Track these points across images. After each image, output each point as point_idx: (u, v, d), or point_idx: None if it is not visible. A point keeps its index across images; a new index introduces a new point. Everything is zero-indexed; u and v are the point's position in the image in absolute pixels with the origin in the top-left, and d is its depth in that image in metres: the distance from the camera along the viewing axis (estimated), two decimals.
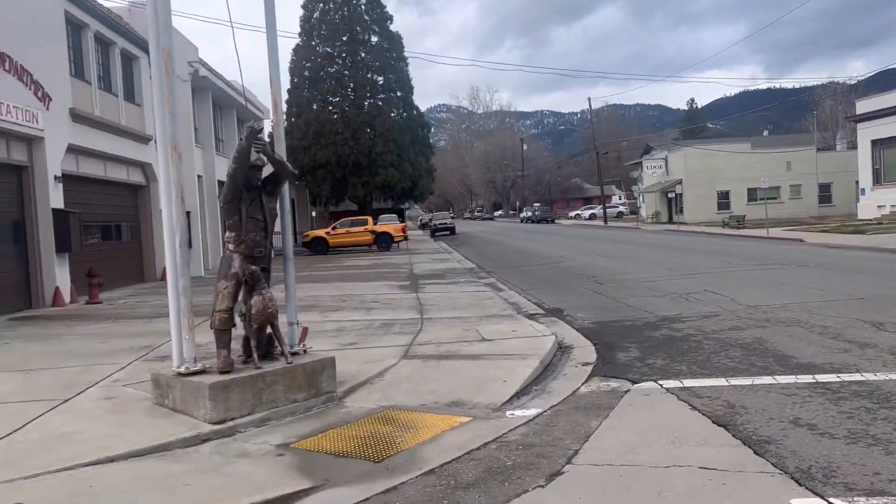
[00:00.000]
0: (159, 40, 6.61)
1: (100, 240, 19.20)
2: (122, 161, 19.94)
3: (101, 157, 18.72)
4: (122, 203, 20.57)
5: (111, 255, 19.53)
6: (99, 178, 18.77)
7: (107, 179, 19.28)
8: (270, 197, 7.01)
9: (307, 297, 15.18)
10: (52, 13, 16.16)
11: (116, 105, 19.74)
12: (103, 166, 19.01)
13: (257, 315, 6.65)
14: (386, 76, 44.21)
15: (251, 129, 6.61)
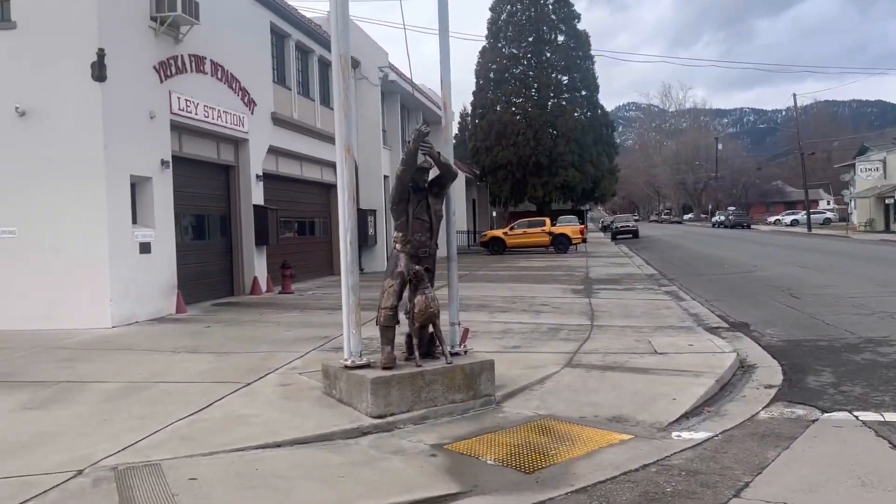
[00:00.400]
0: (338, 47, 6.87)
1: (294, 234, 20.69)
2: (316, 161, 21.33)
3: (298, 158, 20.14)
4: (315, 200, 22.01)
5: (304, 248, 20.98)
6: (295, 177, 20.21)
7: (302, 178, 20.72)
8: (436, 199, 7.09)
9: (478, 297, 15.31)
10: (260, 25, 17.62)
11: (313, 109, 21.14)
12: (299, 166, 20.45)
13: (419, 314, 6.75)
14: (571, 75, 43.67)
15: (418, 132, 6.72)
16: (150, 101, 12.78)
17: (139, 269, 12.34)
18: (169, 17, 12.90)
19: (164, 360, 8.86)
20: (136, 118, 12.40)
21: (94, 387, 7.48)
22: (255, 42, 17.26)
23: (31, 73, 11.61)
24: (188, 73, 14.04)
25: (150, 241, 12.68)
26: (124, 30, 12.17)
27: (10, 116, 11.61)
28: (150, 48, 12.92)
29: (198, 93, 14.35)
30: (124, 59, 12.08)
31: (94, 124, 11.49)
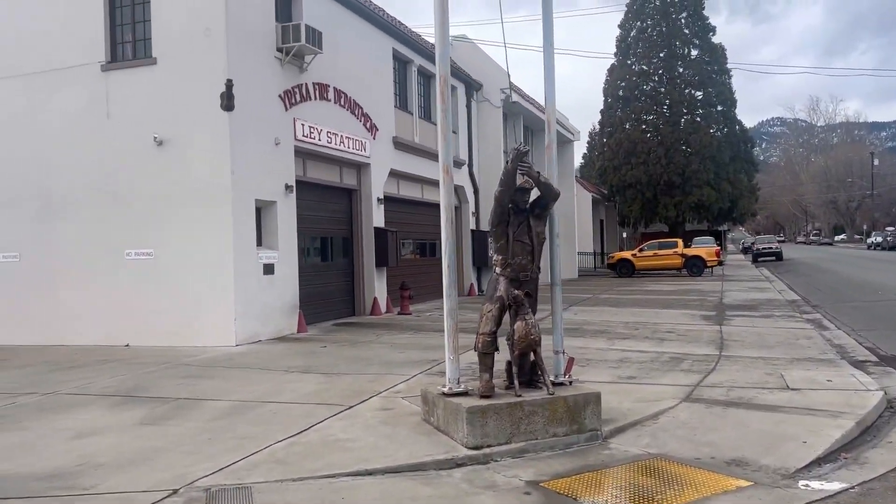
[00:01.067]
0: (440, 69, 6.78)
1: (415, 255, 20.90)
2: (436, 183, 21.45)
3: (419, 181, 20.37)
4: (436, 222, 21.78)
5: (424, 269, 21.13)
6: (416, 199, 20.45)
7: (422, 201, 20.93)
8: (538, 220, 6.79)
9: (598, 322, 14.72)
10: (383, 52, 18.05)
11: (434, 132, 21.36)
12: (420, 188, 20.68)
13: (519, 341, 6.47)
14: (705, 90, 41.81)
15: (517, 152, 6.48)
16: (275, 129, 13.33)
17: (263, 289, 12.81)
18: (293, 48, 13.43)
19: (277, 380, 9.05)
20: (261, 145, 12.95)
21: (208, 404, 7.72)
22: (378, 69, 17.68)
23: (169, 104, 12.42)
24: (312, 101, 14.55)
25: (273, 262, 13.15)
26: (252, 62, 12.78)
27: (149, 146, 12.46)
28: (276, 78, 13.49)
29: (321, 119, 14.84)
30: (251, 90, 12.67)
31: (222, 151, 12.09)
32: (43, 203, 13.29)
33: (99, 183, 12.88)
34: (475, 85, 24.20)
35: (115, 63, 12.88)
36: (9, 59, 13.45)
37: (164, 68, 12.49)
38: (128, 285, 12.70)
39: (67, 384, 9.14)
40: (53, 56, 13.14)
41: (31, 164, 13.35)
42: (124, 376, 9.59)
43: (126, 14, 12.98)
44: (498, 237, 6.78)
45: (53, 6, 13.15)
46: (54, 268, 13.19)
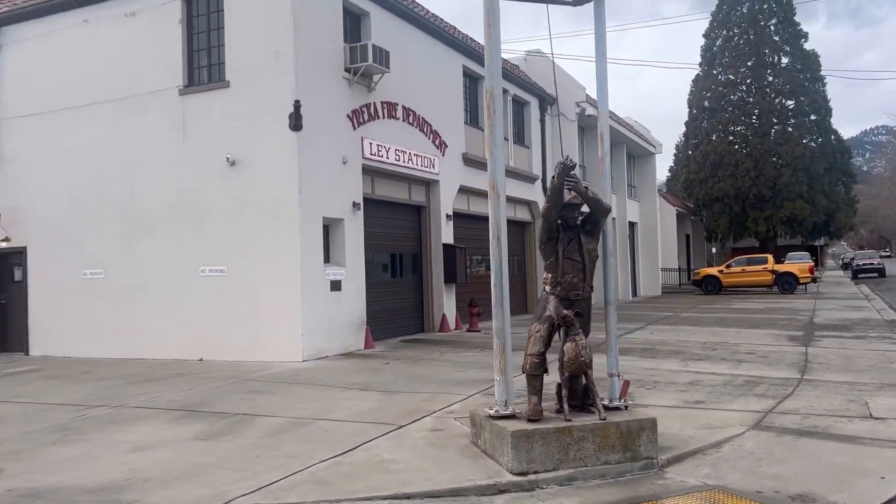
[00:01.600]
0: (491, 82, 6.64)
1: (486, 272, 20.73)
2: (509, 199, 21.30)
3: None
4: (511, 239, 21.95)
5: None
6: (487, 215, 20.25)
7: None
8: (590, 237, 6.54)
9: (674, 342, 14.14)
10: (452, 69, 18.09)
11: (506, 148, 21.23)
12: None
13: (569, 362, 6.22)
14: (797, 99, 39.95)
15: (563, 166, 6.26)
16: (343, 148, 13.51)
17: (330, 305, 12.95)
18: (361, 68, 13.61)
19: (335, 397, 9.07)
20: (329, 164, 13.15)
21: (263, 421, 7.80)
22: (447, 86, 17.72)
23: (241, 125, 12.80)
24: (380, 120, 14.70)
25: (340, 278, 13.29)
26: (320, 82, 13.02)
27: (223, 166, 12.86)
28: (344, 98, 13.70)
29: (389, 137, 14.96)
30: (319, 110, 12.90)
31: (290, 171, 12.34)
32: (127, 222, 13.91)
33: (177, 202, 13.38)
34: (549, 99, 23.93)
35: (192, 87, 13.39)
36: (99, 86, 14.20)
37: (236, 91, 12.90)
38: (202, 301, 13.10)
39: (137, 397, 9.46)
40: (138, 82, 13.79)
41: (117, 185, 14.01)
42: (192, 390, 9.85)
43: (202, 40, 13.50)
44: (547, 254, 6.58)
45: (139, 34, 13.81)
46: (136, 284, 13.77)
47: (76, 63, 14.46)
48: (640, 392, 8.92)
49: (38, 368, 12.87)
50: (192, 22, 13.55)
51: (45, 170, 14.78)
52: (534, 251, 23.19)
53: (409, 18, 15.90)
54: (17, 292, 15.23)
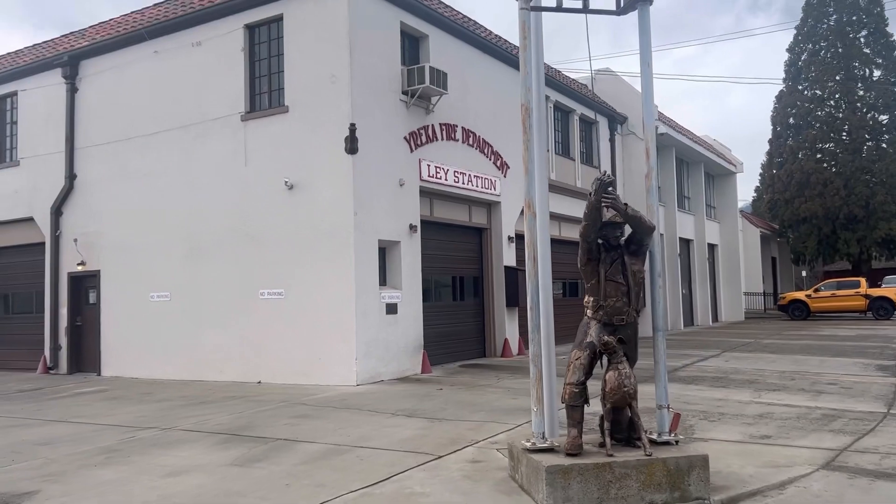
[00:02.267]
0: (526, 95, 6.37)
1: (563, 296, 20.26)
2: (576, 221, 20.76)
3: (556, 218, 19.77)
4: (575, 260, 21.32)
5: (563, 310, 20.37)
6: (552, 237, 19.79)
7: (560, 239, 20.26)
8: (635, 257, 6.11)
9: (749, 371, 13.28)
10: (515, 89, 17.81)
11: (573, 168, 20.76)
12: (557, 226, 20.06)
13: (611, 393, 5.79)
14: (891, 114, 37.68)
15: (600, 182, 5.88)
16: (400, 170, 13.44)
17: (385, 329, 12.80)
18: (418, 90, 13.55)
19: (378, 423, 8.84)
20: (385, 186, 13.08)
21: (302, 447, 7.64)
22: (510, 106, 17.44)
23: (299, 149, 12.91)
24: (438, 142, 14.57)
25: (396, 301, 13.13)
26: (376, 105, 13.01)
27: (281, 190, 12.99)
28: (402, 120, 13.65)
29: (448, 159, 14.81)
30: (376, 133, 12.88)
31: (346, 193, 12.33)
32: (192, 245, 14.22)
33: (238, 226, 13.58)
34: (619, 118, 23.34)
35: (253, 113, 13.63)
36: (167, 114, 14.66)
37: (294, 116, 13.04)
38: (261, 324, 13.19)
39: (187, 420, 9.49)
40: (203, 109, 14.15)
41: (183, 210, 14.37)
42: (241, 414, 9.82)
43: (263, 67, 13.75)
44: (588, 276, 6.18)
45: (204, 63, 14.20)
46: (199, 307, 14.01)
47: (147, 92, 14.99)
48: (702, 425, 8.32)
49: (104, 389, 13.22)
50: (254, 49, 13.83)
51: (117, 196, 15.33)
52: None
53: (470, 40, 15.79)
54: (91, 314, 15.78)
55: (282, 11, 13.27)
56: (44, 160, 16.52)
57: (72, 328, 16.00)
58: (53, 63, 16.29)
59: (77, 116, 16.05)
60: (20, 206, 16.91)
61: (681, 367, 14.22)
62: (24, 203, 16.83)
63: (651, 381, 6.54)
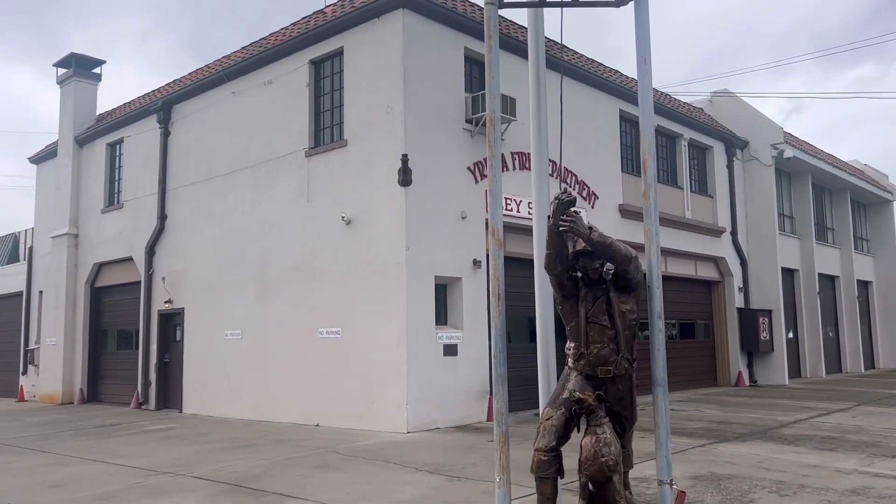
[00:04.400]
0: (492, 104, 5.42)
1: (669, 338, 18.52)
2: (687, 256, 18.99)
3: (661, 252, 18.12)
4: (687, 299, 19.46)
5: (672, 353, 18.56)
6: None
7: (667, 275, 18.56)
8: (623, 294, 4.95)
9: (874, 431, 11.13)
10: (606, 113, 16.62)
11: (681, 198, 19.02)
12: (664, 261, 18.37)
13: (585, 463, 4.65)
14: None
15: (557, 202, 4.81)
16: (462, 202, 12.67)
17: (442, 372, 11.93)
18: (483, 118, 12.78)
19: (392, 479, 7.98)
20: (444, 220, 12.35)
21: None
22: (599, 132, 16.27)
23: (356, 184, 12.51)
24: (509, 172, 13.67)
25: (456, 342, 12.25)
26: (435, 135, 12.37)
27: (339, 225, 12.60)
28: (465, 150, 12.92)
29: (521, 190, 13.84)
30: (434, 164, 12.22)
31: (398, 228, 11.72)
32: (261, 283, 14.15)
33: (300, 263, 13.34)
34: (738, 142, 21.26)
35: (316, 148, 13.43)
36: (242, 153, 14.84)
37: (352, 149, 12.68)
38: (320, 365, 12.76)
39: (210, 466, 9.08)
40: (273, 146, 14.17)
41: (253, 248, 14.38)
42: (265, 462, 9.30)
43: (326, 101, 13.56)
44: (567, 317, 5.09)
45: (274, 101, 14.26)
46: (265, 346, 13.85)
47: (226, 133, 15.29)
48: (766, 500, 6.75)
49: (172, 427, 13.25)
50: (319, 84, 13.70)
51: (199, 235, 15.66)
52: (725, 314, 20.40)
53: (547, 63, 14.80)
54: (177, 351, 16.12)
55: (342, 44, 13.06)
56: (141, 202, 17.30)
57: (160, 365, 16.43)
58: (150, 109, 17.12)
59: (169, 159, 16.69)
60: (122, 247, 17.76)
61: (790, 422, 12.23)
62: (126, 243, 17.67)
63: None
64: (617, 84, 16.89)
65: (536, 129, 6.33)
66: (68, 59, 19.91)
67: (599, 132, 16.28)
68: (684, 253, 18.83)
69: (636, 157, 17.83)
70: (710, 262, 20.19)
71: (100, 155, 19.08)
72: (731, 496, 6.89)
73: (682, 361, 18.86)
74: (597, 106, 16.29)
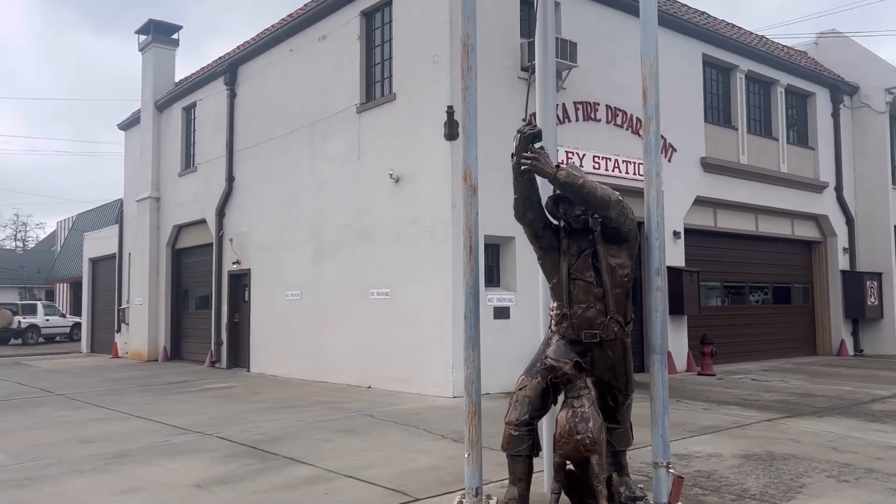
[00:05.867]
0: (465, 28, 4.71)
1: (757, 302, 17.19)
2: (780, 213, 17.37)
3: (749, 209, 16.65)
4: (780, 261, 17.85)
5: (764, 320, 17.14)
6: (745, 232, 16.72)
7: (757, 234, 17.05)
8: (614, 247, 4.21)
9: None
10: (687, 59, 15.22)
11: (775, 150, 17.32)
12: (753, 219, 16.87)
13: (559, 440, 4.02)
14: None
15: (520, 136, 4.10)
16: None
17: (492, 336, 11.29)
18: None
19: (411, 447, 7.54)
20: (495, 176, 11.56)
21: (292, 471, 6.64)
22: (678, 78, 14.91)
23: (403, 140, 11.98)
24: (571, 123, 12.74)
25: (508, 305, 11.62)
26: (485, 85, 11.58)
27: (388, 183, 12.15)
28: (520, 100, 12.08)
29: (586, 142, 12.90)
30: (483, 116, 11.43)
31: (444, 185, 11.14)
32: (317, 243, 13.97)
33: (353, 223, 13.02)
34: (846, 88, 19.14)
35: (367, 104, 12.97)
36: (299, 112, 14.59)
37: (400, 103, 12.14)
38: (371, 326, 12.47)
39: (240, 426, 8.97)
40: (327, 104, 13.83)
41: (310, 208, 14.19)
42: (297, 423, 9.10)
43: (377, 54, 13.04)
44: (548, 273, 4.41)
45: (328, 57, 13.87)
46: (322, 307, 13.70)
47: (285, 92, 15.08)
48: (822, 485, 5.82)
49: (231, 386, 13.38)
50: (371, 36, 13.18)
51: (261, 196, 15.65)
52: (827, 276, 18.65)
53: (614, 3, 13.64)
54: (245, 311, 16.31)
55: None
56: (212, 164, 17.49)
57: (230, 324, 16.70)
58: (217, 72, 17.17)
59: (235, 120, 16.72)
60: (197, 209, 18.10)
61: (885, 396, 10.93)
62: (199, 206, 17.99)
63: None
64: (700, 26, 15.42)
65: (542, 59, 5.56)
66: (147, 26, 20.33)
67: (679, 78, 14.92)
68: (778, 210, 17.22)
69: (723, 106, 16.34)
70: (809, 220, 18.42)
71: (176, 119, 19.46)
72: (780, 479, 6.01)
73: (775, 328, 17.46)
74: (676, 50, 14.90)
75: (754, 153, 16.59)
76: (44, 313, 31.37)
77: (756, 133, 16.94)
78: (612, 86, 13.46)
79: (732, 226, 16.34)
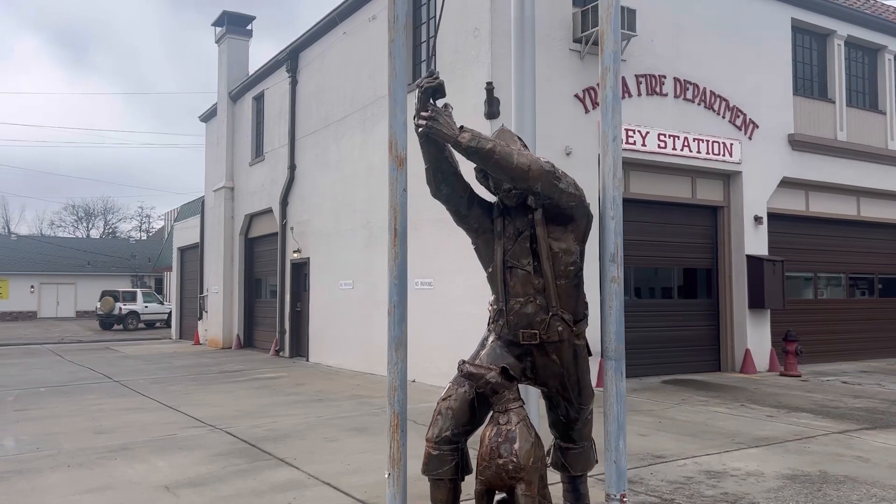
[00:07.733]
0: None
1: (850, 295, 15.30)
2: (884, 196, 15.41)
3: (850, 192, 14.84)
4: (871, 248, 15.82)
5: (869, 315, 15.29)
6: (844, 217, 14.91)
7: (860, 220, 15.19)
8: (559, 229, 3.37)
9: None
10: (771, 24, 13.66)
11: (882, 125, 15.36)
12: (854, 202, 15.03)
13: (481, 463, 3.26)
14: None
15: (420, 90, 3.35)
16: (566, 136, 10.96)
17: None
18: (592, 35, 10.88)
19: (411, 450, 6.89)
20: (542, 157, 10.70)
21: (276, 474, 6.17)
22: (762, 46, 13.40)
23: None
24: (633, 98, 11.63)
25: None
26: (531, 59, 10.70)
27: None
28: (572, 75, 11.13)
29: (650, 119, 11.76)
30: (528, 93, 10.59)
31: None
32: (367, 232, 13.53)
33: None
34: None
35: (414, 83, 12.33)
36: (352, 96, 14.18)
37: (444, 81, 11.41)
38: (415, 318, 11.82)
39: (258, 421, 8.64)
40: (376, 87, 13.33)
41: (361, 196, 13.76)
42: (313, 419, 8.68)
43: (423, 32, 12.39)
44: (483, 260, 3.63)
45: (378, 38, 13.36)
46: (372, 296, 13.26)
47: (340, 76, 14.71)
48: None
49: (277, 376, 13.17)
50: (417, 13, 12.54)
51: (319, 184, 15.37)
52: None
53: None
54: (306, 301, 16.14)
55: None
56: (277, 153, 17.43)
57: (292, 313, 16.59)
58: (281, 60, 17.05)
59: (297, 108, 16.54)
60: (265, 198, 18.12)
61: None
62: (266, 195, 18.00)
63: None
64: None
65: None
66: (222, 18, 20.56)
67: (763, 47, 13.41)
68: (885, 192, 15.28)
69: (816, 76, 14.61)
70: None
71: (247, 109, 19.58)
72: None
73: (885, 324, 15.58)
74: (758, 14, 13.40)
75: (855, 129, 14.76)
76: (143, 300, 32.88)
77: (858, 106, 15.07)
78: (681, 56, 12.21)
79: (828, 210, 14.60)
